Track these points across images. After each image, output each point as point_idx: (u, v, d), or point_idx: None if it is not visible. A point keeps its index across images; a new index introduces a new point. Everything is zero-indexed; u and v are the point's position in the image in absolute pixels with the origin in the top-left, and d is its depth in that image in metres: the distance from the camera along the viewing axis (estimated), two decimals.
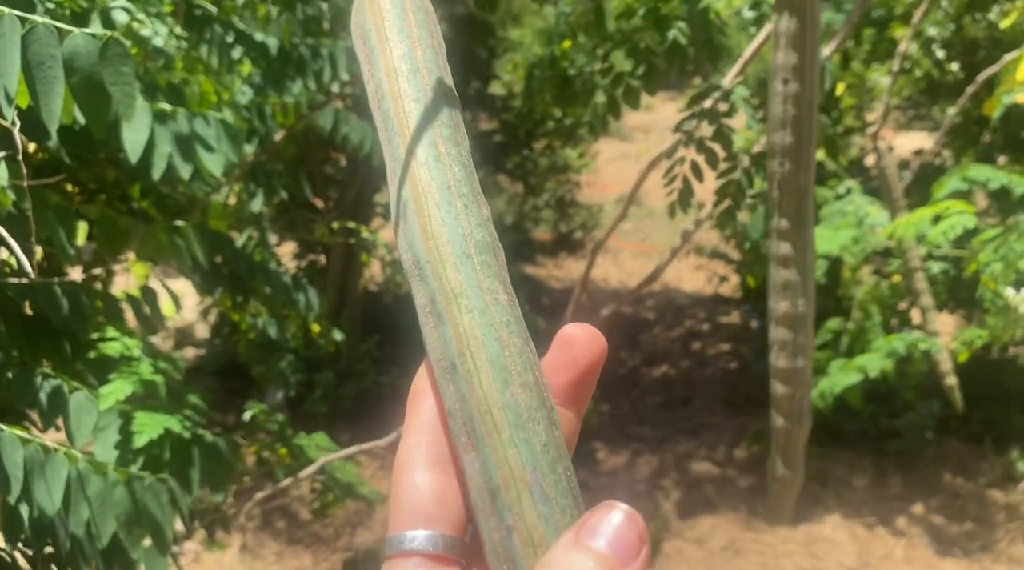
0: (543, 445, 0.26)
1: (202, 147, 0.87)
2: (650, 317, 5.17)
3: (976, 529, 2.92)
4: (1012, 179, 1.15)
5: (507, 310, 0.28)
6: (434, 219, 0.29)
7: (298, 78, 1.43)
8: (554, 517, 0.25)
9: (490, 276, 0.28)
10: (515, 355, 0.27)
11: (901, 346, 1.46)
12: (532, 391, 0.27)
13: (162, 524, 0.82)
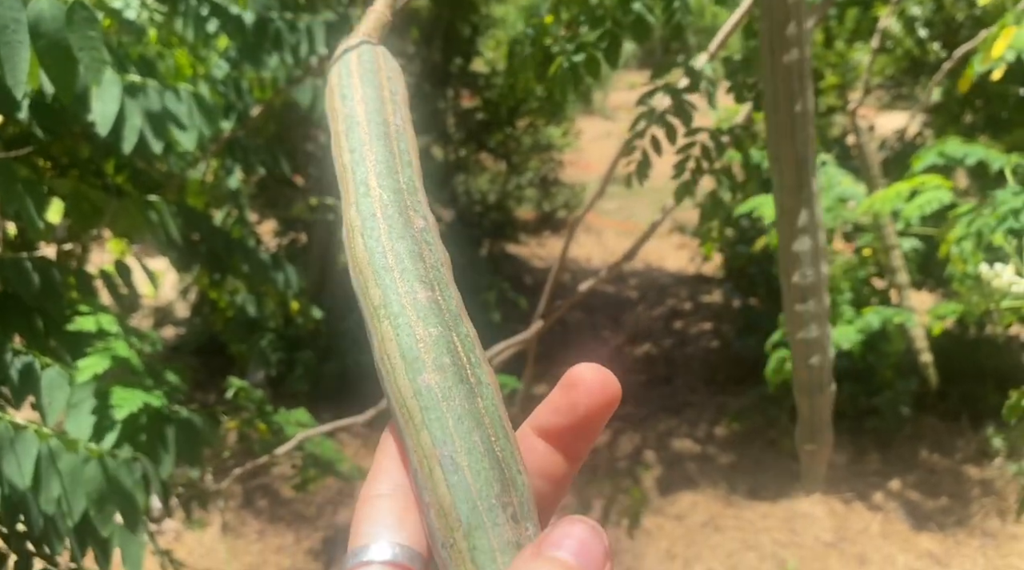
0: (457, 419, 0.26)
1: (173, 123, 0.86)
2: (633, 296, 5.18)
3: (951, 504, 2.97)
4: (989, 154, 1.15)
5: (425, 306, 0.29)
6: (358, 247, 0.31)
7: (275, 52, 1.41)
8: (464, 482, 0.26)
9: (409, 280, 0.30)
10: (431, 344, 0.28)
11: (876, 320, 1.47)
12: (448, 371, 0.27)
13: (134, 501, 0.82)
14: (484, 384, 0.28)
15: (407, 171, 0.34)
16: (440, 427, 0.26)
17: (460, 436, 0.26)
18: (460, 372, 0.28)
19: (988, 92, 4.01)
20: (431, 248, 0.31)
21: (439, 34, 3.92)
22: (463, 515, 0.25)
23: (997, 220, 0.95)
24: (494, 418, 0.27)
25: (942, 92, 4.36)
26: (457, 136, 4.60)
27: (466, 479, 0.26)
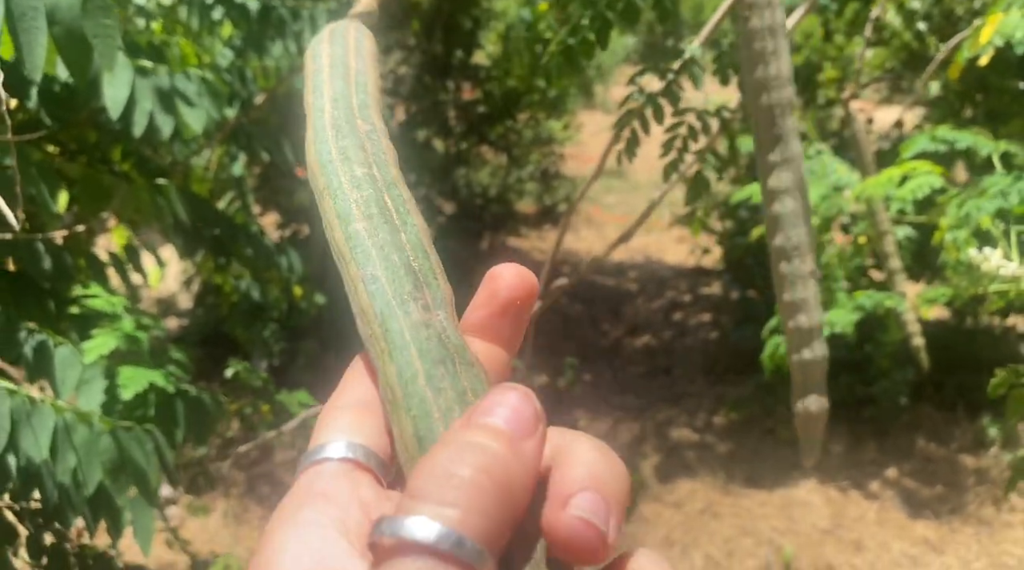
0: (379, 248, 0.30)
1: (183, 102, 0.88)
2: (633, 289, 5.20)
3: (947, 492, 2.99)
4: (977, 141, 1.17)
5: (359, 177, 0.33)
6: (310, 154, 0.35)
7: (278, 40, 1.43)
8: (381, 288, 0.29)
9: (349, 164, 0.33)
10: (361, 202, 0.32)
11: (868, 302, 1.50)
12: (375, 218, 0.31)
13: (147, 472, 0.84)
14: (409, 224, 0.31)
15: (361, 95, 0.37)
16: (364, 255, 0.30)
17: (381, 259, 0.30)
18: (386, 217, 0.31)
19: (987, 86, 4.03)
20: (374, 143, 0.35)
21: (440, 26, 3.93)
22: (378, 309, 0.29)
23: (985, 203, 0.97)
24: (415, 245, 0.31)
25: (940, 85, 4.38)
26: (458, 129, 4.61)
27: (383, 286, 0.29)
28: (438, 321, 0.29)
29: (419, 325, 0.28)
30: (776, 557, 2.67)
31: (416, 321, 0.28)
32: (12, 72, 0.92)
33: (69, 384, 0.92)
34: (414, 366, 0.27)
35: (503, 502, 0.22)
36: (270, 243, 1.40)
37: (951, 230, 1.26)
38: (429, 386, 0.27)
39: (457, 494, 0.22)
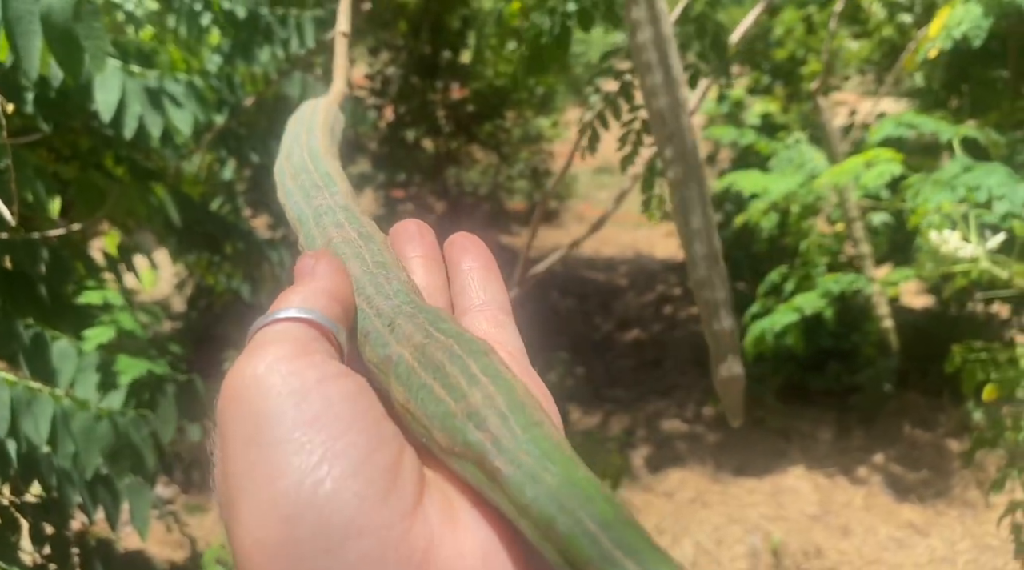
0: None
1: (171, 104, 0.93)
2: (623, 284, 5.25)
3: (932, 477, 3.05)
4: (939, 126, 1.22)
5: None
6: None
7: (266, 46, 1.47)
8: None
9: (328, 210, 0.39)
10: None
11: (836, 287, 1.54)
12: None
13: (143, 456, 0.89)
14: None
15: (328, 139, 0.47)
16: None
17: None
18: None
19: (970, 76, 4.08)
20: (324, 179, 0.42)
21: (427, 27, 3.97)
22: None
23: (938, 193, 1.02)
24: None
25: (923, 77, 4.43)
26: (447, 128, 4.65)
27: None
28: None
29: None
30: (764, 543, 2.72)
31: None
32: (8, 77, 0.97)
33: (66, 375, 0.96)
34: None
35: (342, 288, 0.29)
36: (261, 239, 1.44)
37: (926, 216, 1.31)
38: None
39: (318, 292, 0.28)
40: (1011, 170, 1.08)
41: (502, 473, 0.23)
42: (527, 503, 0.22)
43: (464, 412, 0.24)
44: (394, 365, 0.28)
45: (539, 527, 0.21)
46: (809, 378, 3.44)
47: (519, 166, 5.88)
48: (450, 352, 0.26)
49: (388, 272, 0.32)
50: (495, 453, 0.23)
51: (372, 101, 4.20)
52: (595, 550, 0.20)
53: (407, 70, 4.20)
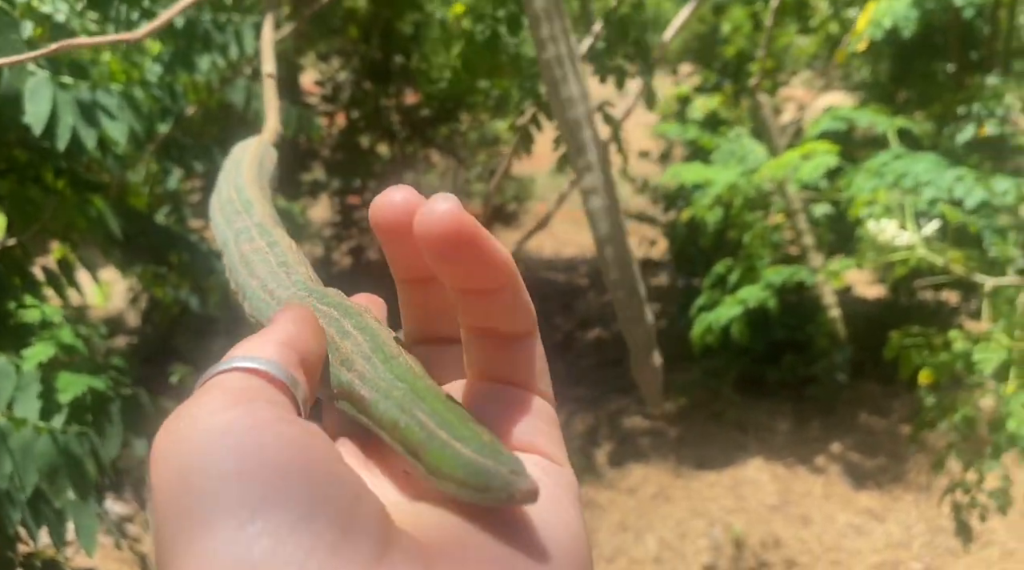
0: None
1: (105, 115, 0.92)
2: (584, 283, 5.28)
3: (889, 463, 3.11)
4: (875, 118, 1.25)
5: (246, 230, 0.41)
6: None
7: (205, 54, 1.46)
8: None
9: (242, 228, 0.41)
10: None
11: (777, 278, 1.57)
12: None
13: (85, 472, 0.87)
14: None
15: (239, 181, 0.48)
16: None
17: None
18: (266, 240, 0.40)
19: (916, 71, 4.18)
20: (246, 206, 0.45)
21: (377, 32, 3.96)
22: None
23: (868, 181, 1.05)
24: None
25: (869, 71, 4.52)
26: (402, 133, 4.64)
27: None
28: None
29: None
30: (726, 536, 2.75)
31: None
32: None
33: (4, 395, 0.94)
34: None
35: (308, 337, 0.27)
36: (208, 249, 1.43)
37: (868, 205, 1.35)
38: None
39: (268, 340, 0.26)
40: (939, 157, 1.11)
41: (365, 399, 0.27)
42: (380, 415, 0.26)
43: (338, 360, 0.29)
44: None
45: (387, 430, 0.26)
46: (765, 370, 3.49)
47: (477, 169, 5.89)
48: (330, 317, 0.31)
49: (289, 269, 0.36)
50: (360, 384, 0.28)
51: (323, 107, 4.18)
52: (423, 433, 0.25)
53: (359, 75, 4.18)
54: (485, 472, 0.23)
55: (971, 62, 4.13)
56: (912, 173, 1.10)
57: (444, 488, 0.24)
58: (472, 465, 0.23)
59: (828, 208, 1.74)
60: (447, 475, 0.24)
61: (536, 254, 5.75)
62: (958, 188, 1.17)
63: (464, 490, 0.23)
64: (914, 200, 1.22)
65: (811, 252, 1.71)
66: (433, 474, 0.24)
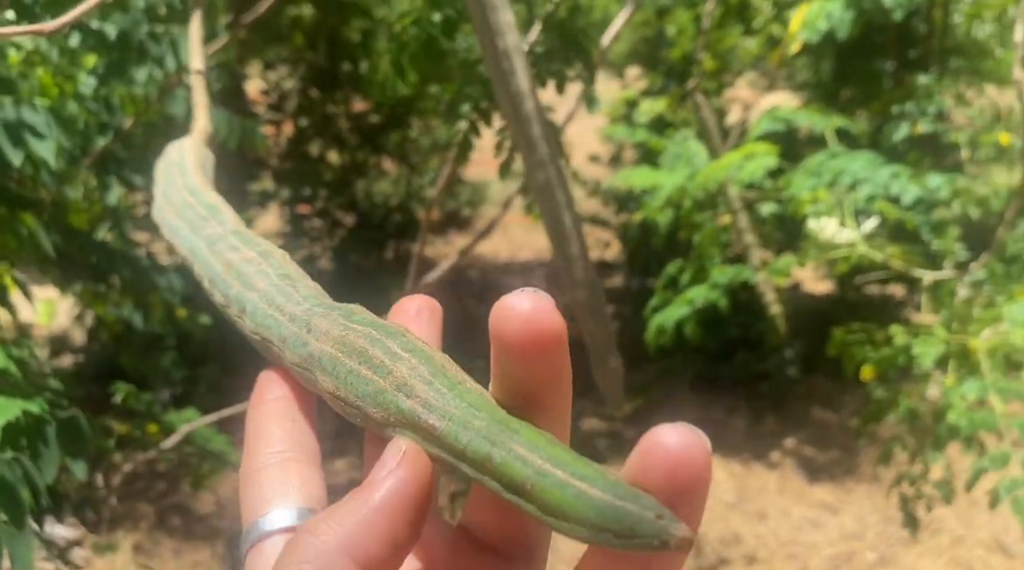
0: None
1: (30, 134, 0.89)
2: (540, 287, 5.28)
3: (841, 456, 3.17)
4: (813, 119, 1.28)
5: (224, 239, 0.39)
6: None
7: (141, 65, 1.43)
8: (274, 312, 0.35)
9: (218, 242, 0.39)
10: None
11: (723, 278, 1.60)
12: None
13: (18, 498, 0.85)
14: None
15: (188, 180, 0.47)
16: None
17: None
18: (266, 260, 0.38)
19: (856, 70, 4.28)
20: (202, 204, 0.43)
21: (324, 39, 3.93)
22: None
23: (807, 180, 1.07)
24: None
25: (810, 71, 4.61)
26: (352, 140, 4.61)
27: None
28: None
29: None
30: None
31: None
32: None
33: None
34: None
35: (356, 545, 0.24)
36: (149, 264, 1.40)
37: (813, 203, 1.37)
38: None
39: (308, 548, 0.23)
40: (874, 155, 1.14)
41: (436, 428, 0.25)
42: (463, 447, 0.24)
43: (393, 386, 0.27)
44: (318, 360, 0.29)
45: (476, 465, 0.24)
46: (719, 369, 3.54)
47: (429, 175, 5.86)
48: (370, 337, 0.28)
49: (294, 282, 0.34)
50: (426, 413, 0.25)
51: (270, 116, 4.13)
52: (529, 469, 0.23)
53: (306, 83, 4.14)
54: (628, 516, 0.21)
55: (910, 60, 4.24)
56: (849, 171, 1.13)
57: (567, 531, 0.22)
58: (609, 508, 0.21)
59: (775, 207, 1.78)
60: (574, 518, 0.22)
61: (491, 258, 5.75)
62: (894, 185, 1.19)
63: (602, 535, 0.21)
64: (852, 198, 1.25)
65: (753, 251, 1.74)
66: (552, 515, 0.22)
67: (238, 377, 3.27)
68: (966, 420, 1.39)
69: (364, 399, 0.27)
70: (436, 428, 0.25)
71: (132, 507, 2.99)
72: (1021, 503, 1.27)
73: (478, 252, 5.91)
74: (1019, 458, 1.38)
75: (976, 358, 1.54)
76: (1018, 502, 1.28)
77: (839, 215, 1.25)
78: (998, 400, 1.47)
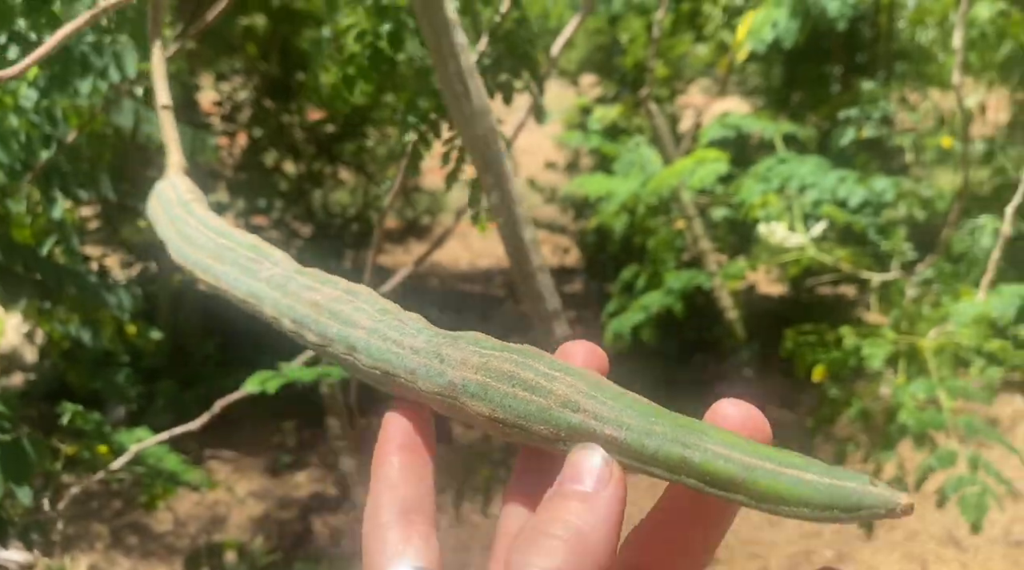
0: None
1: None
2: (500, 294, 5.30)
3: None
4: (761, 124, 1.30)
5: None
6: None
7: (85, 78, 1.41)
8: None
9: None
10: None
11: (677, 283, 1.62)
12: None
13: None
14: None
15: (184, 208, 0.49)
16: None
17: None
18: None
19: (805, 75, 4.36)
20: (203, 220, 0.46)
21: (276, 49, 3.90)
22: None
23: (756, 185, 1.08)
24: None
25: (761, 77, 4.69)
26: (308, 150, 4.57)
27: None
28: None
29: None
30: None
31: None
32: None
33: None
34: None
35: (593, 553, 0.26)
36: (97, 281, 1.37)
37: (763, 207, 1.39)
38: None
39: (555, 553, 0.25)
40: (821, 160, 1.16)
41: (616, 439, 0.27)
42: (653, 453, 0.26)
43: (557, 403, 0.28)
44: (462, 387, 0.30)
45: (671, 468, 0.26)
46: (677, 371, 3.58)
47: (387, 185, 5.81)
48: (513, 361, 0.30)
49: (399, 315, 0.35)
50: (599, 424, 0.27)
51: (223, 127, 4.08)
52: (734, 465, 0.25)
53: (259, 93, 4.10)
54: (852, 493, 0.24)
55: (857, 65, 4.33)
56: (797, 176, 1.15)
57: (788, 513, 0.25)
58: (830, 489, 0.24)
59: (727, 211, 1.80)
60: (795, 502, 0.24)
61: (452, 266, 5.75)
62: (841, 189, 1.22)
63: (827, 513, 0.24)
64: (800, 202, 1.27)
65: (708, 256, 1.76)
66: (768, 502, 0.25)
67: (197, 391, 3.22)
68: (915, 419, 1.42)
69: (528, 418, 0.29)
70: (616, 438, 0.27)
71: (87, 527, 2.92)
72: (968, 502, 1.31)
73: (438, 260, 5.89)
74: (966, 455, 1.42)
75: (924, 357, 1.58)
76: (965, 501, 1.31)
77: (788, 219, 1.27)
78: (946, 398, 1.51)
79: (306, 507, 3.19)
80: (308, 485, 3.31)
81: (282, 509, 3.16)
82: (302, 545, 3.00)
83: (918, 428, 1.38)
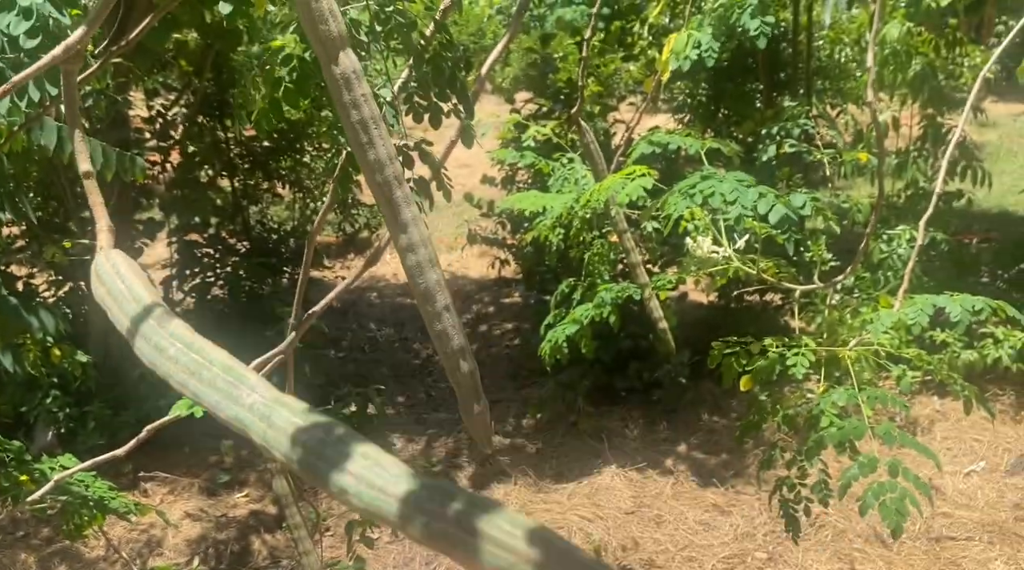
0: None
1: None
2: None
3: (730, 459, 3.30)
4: (686, 141, 1.35)
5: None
6: None
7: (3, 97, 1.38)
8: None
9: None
10: None
11: (608, 296, 1.65)
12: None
13: None
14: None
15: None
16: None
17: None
18: None
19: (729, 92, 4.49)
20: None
21: (210, 65, 3.85)
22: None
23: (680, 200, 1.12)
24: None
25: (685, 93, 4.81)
26: (243, 166, 4.52)
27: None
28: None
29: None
30: (586, 544, 2.83)
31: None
32: None
33: None
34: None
35: None
36: (17, 303, 1.34)
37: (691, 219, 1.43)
38: None
39: None
40: (742, 177, 1.21)
41: None
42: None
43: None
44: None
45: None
46: (614, 379, 3.64)
47: (325, 199, 5.78)
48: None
49: (377, 459, 0.42)
50: None
51: (156, 143, 4.01)
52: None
53: (193, 110, 4.04)
54: None
55: (779, 81, 4.49)
56: (718, 193, 1.19)
57: None
58: None
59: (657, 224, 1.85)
60: None
61: (393, 279, 5.73)
62: (761, 205, 1.26)
63: None
64: (723, 217, 1.32)
65: (638, 268, 1.81)
66: None
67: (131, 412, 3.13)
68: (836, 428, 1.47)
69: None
70: None
71: (13, 556, 2.83)
72: (888, 508, 1.36)
73: (377, 274, 5.86)
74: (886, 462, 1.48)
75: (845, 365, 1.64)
76: (885, 507, 1.37)
77: (713, 233, 1.32)
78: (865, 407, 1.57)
79: (244, 526, 3.14)
80: (246, 504, 3.26)
81: (219, 530, 3.10)
82: (240, 565, 2.95)
83: (839, 438, 1.43)
